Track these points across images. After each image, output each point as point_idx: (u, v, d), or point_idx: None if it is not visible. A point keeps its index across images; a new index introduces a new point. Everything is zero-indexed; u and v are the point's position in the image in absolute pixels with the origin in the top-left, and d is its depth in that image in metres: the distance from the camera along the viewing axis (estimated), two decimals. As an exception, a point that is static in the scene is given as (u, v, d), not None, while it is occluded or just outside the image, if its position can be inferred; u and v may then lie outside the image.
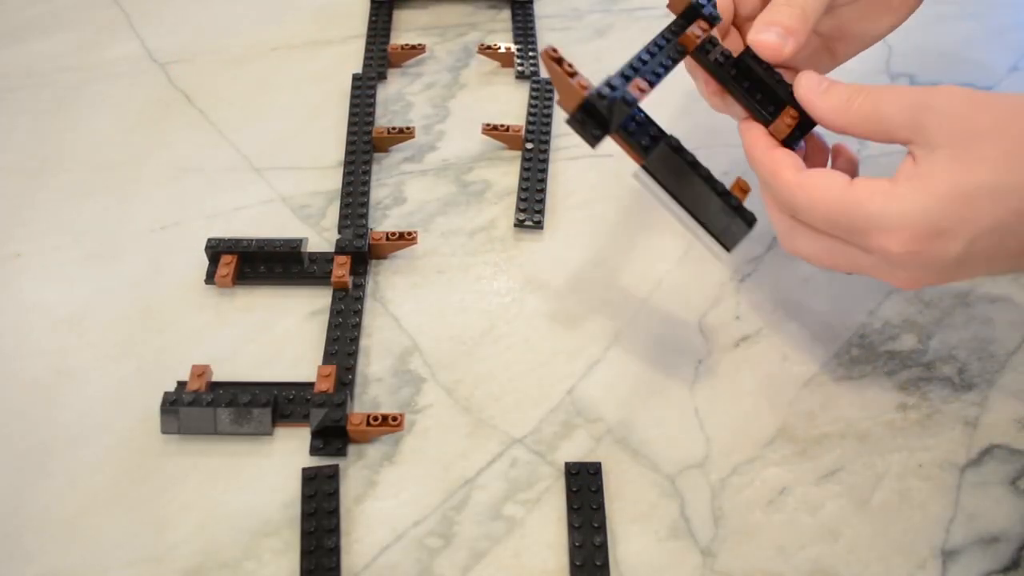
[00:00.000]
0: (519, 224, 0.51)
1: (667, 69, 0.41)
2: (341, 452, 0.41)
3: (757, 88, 0.40)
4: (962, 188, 0.33)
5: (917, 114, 0.35)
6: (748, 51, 0.40)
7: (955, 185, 0.33)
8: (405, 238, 0.49)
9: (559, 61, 0.37)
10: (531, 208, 0.51)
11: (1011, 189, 0.33)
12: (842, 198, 0.35)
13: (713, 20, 0.40)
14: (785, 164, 0.37)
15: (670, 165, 0.38)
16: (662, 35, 0.41)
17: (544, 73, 0.60)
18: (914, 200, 0.34)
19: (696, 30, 0.41)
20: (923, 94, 0.35)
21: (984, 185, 0.33)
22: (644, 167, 0.38)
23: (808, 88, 0.38)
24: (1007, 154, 0.33)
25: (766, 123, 0.40)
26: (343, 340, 0.45)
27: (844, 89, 0.37)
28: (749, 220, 0.38)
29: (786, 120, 0.39)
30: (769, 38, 0.39)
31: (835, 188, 0.35)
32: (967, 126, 0.34)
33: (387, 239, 0.49)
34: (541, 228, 0.51)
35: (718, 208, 0.38)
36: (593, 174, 0.54)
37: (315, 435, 0.41)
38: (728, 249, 0.38)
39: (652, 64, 0.40)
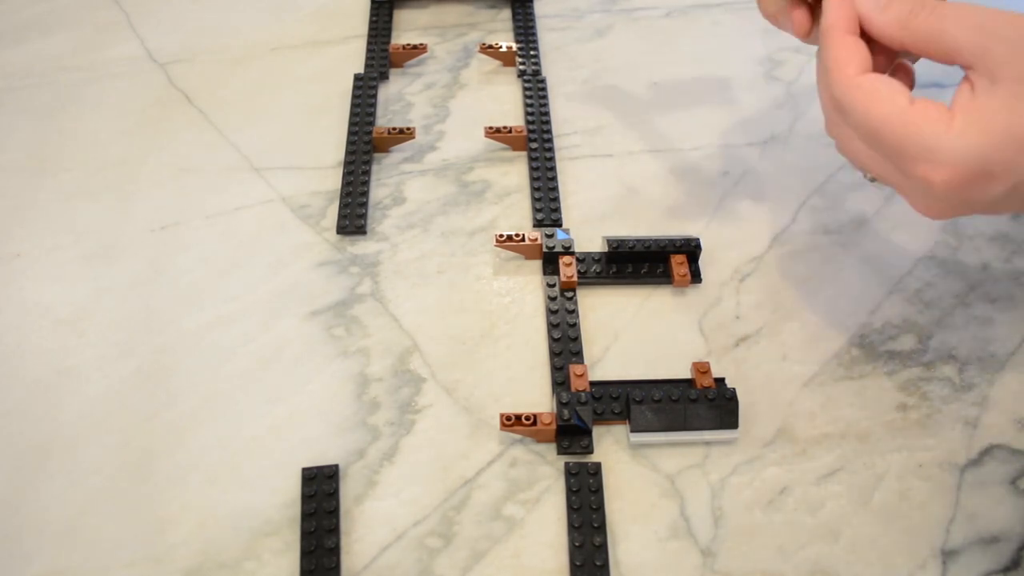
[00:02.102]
0: (539, 224, 0.51)
1: None
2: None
3: None
4: (1018, 129, 0.32)
5: (984, 39, 0.33)
6: None
7: (1011, 125, 0.32)
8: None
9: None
10: (547, 207, 0.51)
11: None
12: (899, 117, 0.34)
13: None
14: (852, 57, 0.36)
15: (650, 415, 0.42)
16: None
17: (544, 72, 0.60)
18: (968, 138, 0.33)
19: None
20: (993, 18, 0.34)
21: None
22: (634, 430, 0.42)
23: (868, 4, 0.36)
24: None
25: None
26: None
27: (906, 2, 0.36)
28: (731, 396, 0.42)
29: None
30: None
31: (894, 103, 0.34)
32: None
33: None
34: (560, 226, 0.51)
35: (705, 410, 0.42)
36: (593, 174, 0.54)
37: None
38: (737, 428, 0.42)
39: None
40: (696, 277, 0.48)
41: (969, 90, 0.34)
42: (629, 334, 0.46)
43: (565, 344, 0.45)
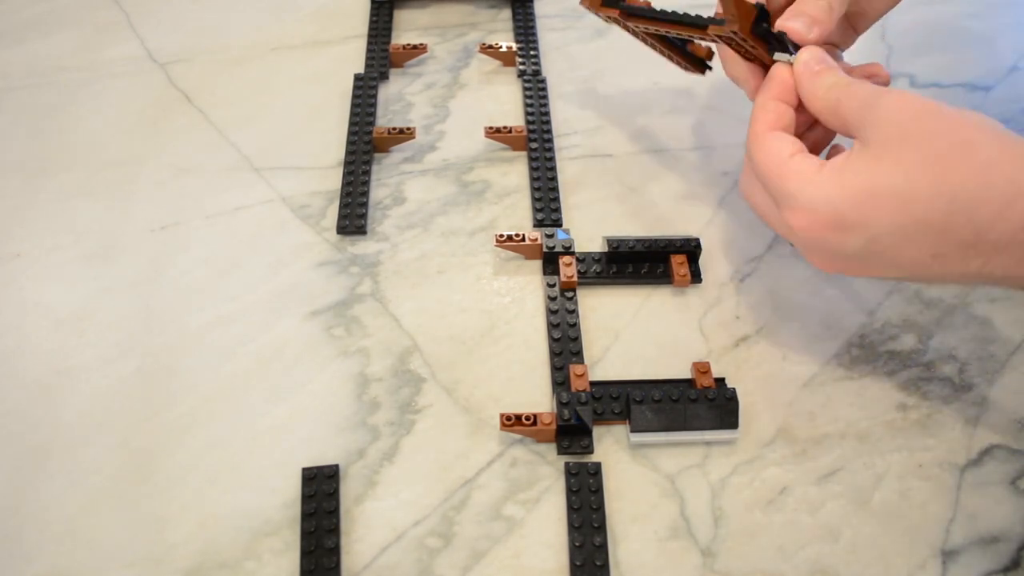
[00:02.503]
0: (539, 224, 0.51)
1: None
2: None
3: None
4: (872, 187, 0.34)
5: (865, 111, 0.36)
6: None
7: (866, 183, 0.35)
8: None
9: None
10: (547, 207, 0.51)
11: (917, 197, 0.34)
12: (777, 167, 0.37)
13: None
14: (765, 117, 0.39)
15: (650, 415, 0.42)
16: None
17: (544, 72, 0.60)
18: (826, 190, 0.35)
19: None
20: (876, 94, 0.37)
21: (892, 188, 0.34)
22: (634, 430, 0.42)
23: (804, 66, 0.40)
24: (925, 162, 0.34)
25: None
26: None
27: (829, 78, 0.39)
28: (731, 396, 0.42)
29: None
30: (796, 25, 0.41)
31: (778, 156, 0.38)
32: (900, 131, 0.35)
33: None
34: (560, 226, 0.51)
35: (705, 410, 0.42)
36: (593, 174, 0.54)
37: None
38: (737, 427, 0.42)
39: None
40: (696, 277, 0.48)
41: (847, 154, 0.36)
42: (629, 334, 0.46)
43: (565, 344, 0.45)
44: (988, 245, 0.33)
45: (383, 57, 0.61)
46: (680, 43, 0.49)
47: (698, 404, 0.42)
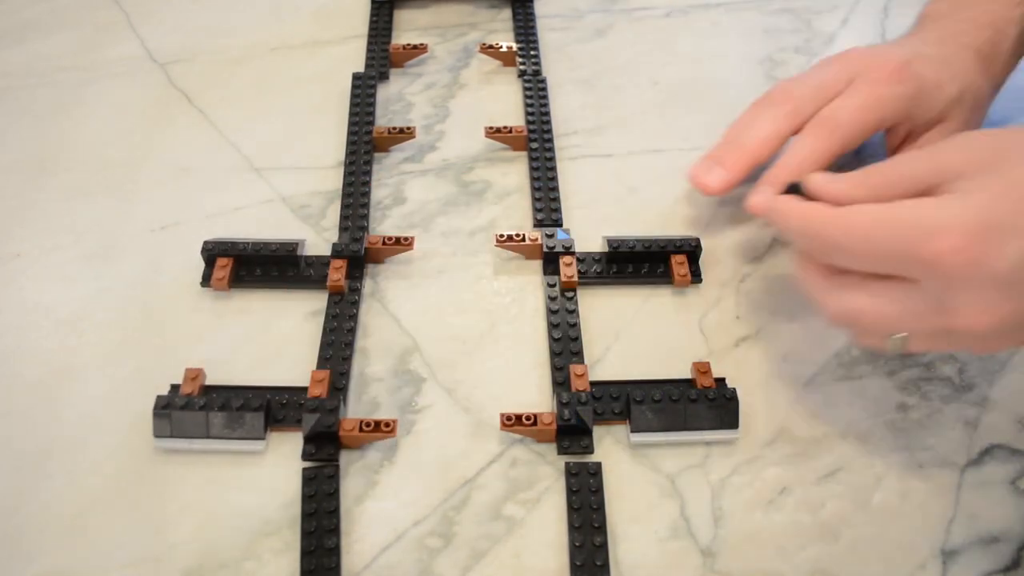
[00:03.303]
0: (539, 224, 0.51)
1: None
2: (333, 458, 0.41)
3: None
4: (1010, 188, 0.31)
5: (938, 157, 0.34)
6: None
7: (1003, 186, 0.31)
8: (401, 243, 0.48)
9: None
10: (547, 207, 0.51)
11: None
12: (885, 214, 0.33)
13: None
14: (817, 206, 0.36)
15: (650, 415, 0.42)
16: None
17: (544, 72, 0.60)
18: (964, 203, 0.32)
19: None
20: (938, 145, 0.35)
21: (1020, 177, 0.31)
22: (634, 430, 0.42)
23: (818, 182, 0.38)
24: None
25: None
26: (338, 344, 0.45)
27: (858, 172, 0.37)
28: (731, 396, 0.42)
29: None
30: (696, 171, 0.44)
31: (874, 209, 0.34)
32: (996, 154, 0.33)
33: (383, 244, 0.48)
34: (560, 226, 0.51)
35: (706, 410, 0.41)
36: (594, 174, 0.54)
37: (307, 440, 0.41)
38: (737, 427, 0.41)
39: None
40: (696, 277, 0.48)
41: (946, 192, 0.33)
42: (629, 334, 0.46)
43: (565, 344, 0.45)
44: None
45: (383, 57, 0.61)
46: None
47: (698, 404, 0.42)
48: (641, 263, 0.48)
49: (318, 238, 0.51)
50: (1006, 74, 0.49)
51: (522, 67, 0.60)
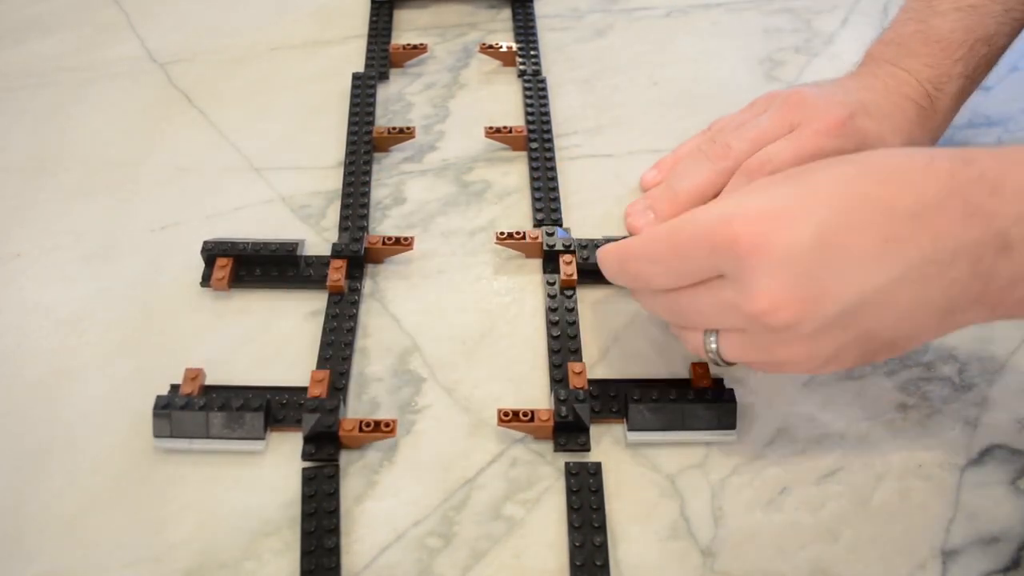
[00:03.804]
0: (538, 224, 0.51)
1: None
2: (333, 458, 0.41)
3: None
4: (803, 181, 0.34)
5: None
6: None
7: (795, 182, 0.34)
8: (401, 243, 0.49)
9: None
10: (547, 207, 0.51)
11: (851, 178, 0.33)
12: (682, 218, 0.36)
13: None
14: (624, 242, 0.39)
15: (647, 415, 0.42)
16: None
17: (544, 72, 0.60)
18: (758, 192, 0.35)
19: None
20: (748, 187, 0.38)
21: (823, 177, 0.34)
22: (631, 429, 0.42)
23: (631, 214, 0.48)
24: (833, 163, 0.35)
25: None
26: (337, 344, 0.45)
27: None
28: (729, 397, 0.42)
29: None
30: (631, 211, 0.48)
31: (671, 220, 0.36)
32: (788, 173, 0.36)
33: (383, 244, 0.48)
34: (560, 226, 0.51)
35: (703, 410, 0.42)
36: (594, 174, 0.54)
37: (307, 440, 0.41)
38: (734, 428, 0.42)
39: None
40: None
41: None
42: (628, 334, 0.46)
43: (564, 342, 0.45)
44: (928, 209, 0.32)
45: (383, 57, 0.61)
46: None
47: (696, 404, 0.42)
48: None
49: (318, 238, 0.51)
50: (944, 127, 0.49)
51: (522, 67, 0.60)
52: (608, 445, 0.42)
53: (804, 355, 0.35)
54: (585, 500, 0.39)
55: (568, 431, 0.42)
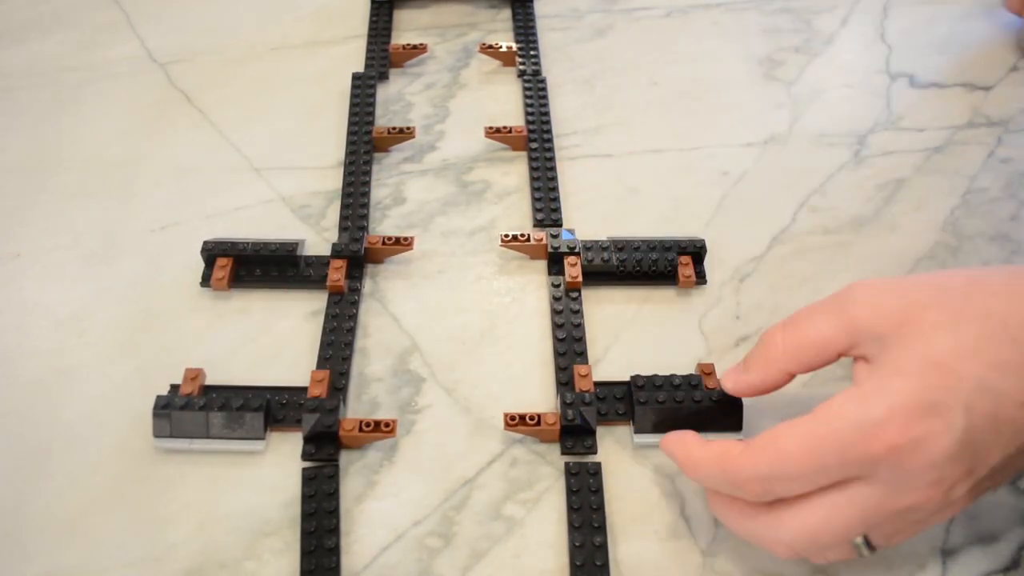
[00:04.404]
0: (539, 224, 0.51)
1: None
2: (333, 458, 0.41)
3: None
4: (931, 357, 0.31)
5: (844, 315, 0.34)
6: None
7: (923, 358, 0.31)
8: (401, 243, 0.49)
9: None
10: (547, 207, 0.51)
11: (978, 341, 0.31)
12: (812, 430, 0.32)
13: None
14: (729, 449, 0.34)
15: (653, 417, 0.41)
16: None
17: (544, 72, 0.60)
18: (892, 387, 0.31)
19: None
20: (838, 297, 0.35)
21: (950, 348, 0.31)
22: (638, 431, 0.42)
23: (730, 383, 0.39)
24: (958, 312, 0.32)
25: None
26: (337, 344, 0.45)
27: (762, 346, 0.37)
28: (736, 399, 0.41)
29: None
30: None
31: (797, 430, 0.33)
32: (903, 302, 0.33)
33: (383, 244, 0.48)
34: (560, 226, 0.51)
35: (709, 412, 0.41)
36: (593, 174, 0.54)
37: (307, 440, 0.41)
38: (741, 429, 0.41)
39: None
40: (701, 278, 0.48)
41: (863, 363, 0.33)
42: (630, 334, 0.46)
43: (569, 344, 0.45)
44: None
45: (383, 57, 0.61)
46: None
47: (702, 406, 0.42)
48: (646, 264, 0.48)
49: (318, 238, 0.51)
50: None
51: (522, 67, 0.60)
52: (609, 445, 0.42)
53: (952, 512, 0.34)
54: (585, 500, 0.39)
55: (575, 434, 0.42)
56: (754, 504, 0.35)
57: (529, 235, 0.49)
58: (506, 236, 0.49)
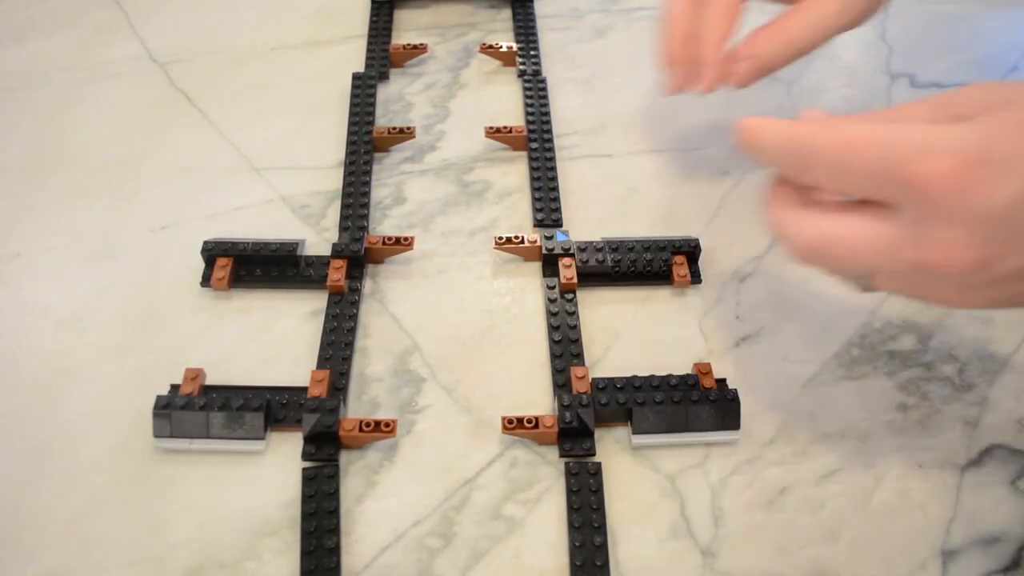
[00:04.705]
0: (539, 224, 0.51)
1: None
2: (333, 458, 0.41)
3: None
4: (1019, 119, 0.29)
5: (946, 102, 0.32)
6: None
7: (1011, 119, 0.29)
8: (401, 243, 0.49)
9: None
10: (547, 207, 0.51)
11: None
12: (878, 128, 0.30)
13: None
14: (806, 123, 0.33)
15: (652, 417, 0.42)
16: None
17: (544, 72, 0.60)
18: (970, 128, 0.29)
19: None
20: (945, 96, 0.32)
21: None
22: (636, 432, 0.42)
23: (815, 117, 0.35)
24: None
25: None
26: (337, 344, 0.45)
27: (854, 116, 0.34)
28: (733, 397, 0.42)
29: None
30: (743, 68, 0.37)
31: (867, 123, 0.31)
32: (1003, 100, 0.30)
33: (383, 244, 0.48)
34: (560, 226, 0.51)
35: (707, 412, 0.41)
36: (593, 174, 0.54)
37: (307, 440, 0.41)
38: (739, 428, 0.42)
39: None
40: (696, 278, 0.48)
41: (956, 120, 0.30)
42: (629, 335, 0.47)
43: (566, 346, 0.45)
44: None
45: (383, 57, 0.61)
46: None
47: (700, 405, 0.42)
48: (641, 264, 0.48)
49: (318, 238, 0.51)
50: None
51: (522, 67, 0.60)
52: (609, 445, 0.42)
53: (960, 299, 0.32)
54: (585, 500, 0.39)
55: (573, 436, 0.42)
56: (797, 195, 0.34)
57: (523, 237, 0.49)
58: (500, 239, 0.49)
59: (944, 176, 0.28)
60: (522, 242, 0.49)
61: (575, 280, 0.47)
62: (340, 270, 0.47)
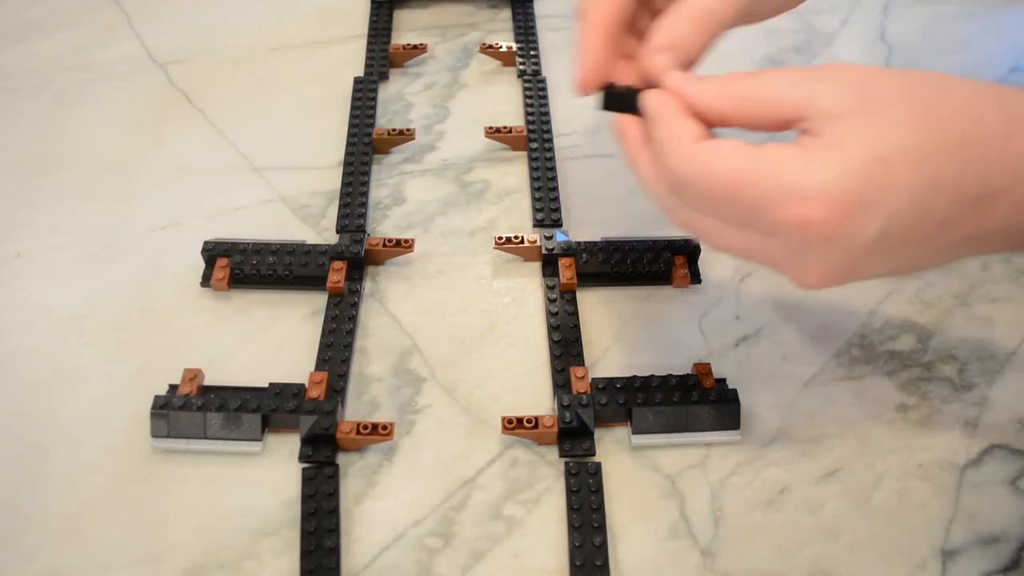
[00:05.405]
0: (539, 224, 0.51)
1: None
2: (330, 460, 0.41)
3: None
4: (879, 152, 0.30)
5: (808, 85, 0.32)
6: None
7: (872, 149, 0.30)
8: (402, 245, 0.49)
9: None
10: (547, 207, 0.51)
11: (928, 152, 0.30)
12: (751, 165, 0.31)
13: None
14: (685, 131, 0.33)
15: (651, 417, 0.42)
16: None
17: (544, 72, 0.60)
18: (833, 166, 0.30)
19: None
20: (812, 70, 0.33)
21: (901, 148, 0.30)
22: (635, 432, 0.42)
23: (680, 80, 0.36)
24: (920, 116, 0.31)
25: None
26: (336, 346, 0.45)
27: (722, 76, 0.35)
28: (732, 397, 0.42)
29: None
30: (660, 61, 0.38)
31: (740, 154, 0.31)
32: (869, 92, 0.32)
33: (384, 246, 0.48)
34: (560, 226, 0.51)
35: (707, 411, 0.42)
36: (594, 174, 0.54)
37: (304, 442, 0.41)
38: (739, 428, 0.42)
39: None
40: (696, 278, 0.48)
41: (810, 137, 0.31)
42: (629, 335, 0.47)
43: (566, 346, 0.45)
44: (991, 196, 0.31)
45: (383, 57, 0.61)
46: None
47: (700, 405, 0.42)
48: (641, 264, 0.48)
49: (318, 238, 0.51)
50: None
51: (522, 67, 0.60)
52: (608, 445, 0.42)
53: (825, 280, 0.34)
54: (585, 500, 0.39)
55: (573, 436, 0.42)
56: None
57: (523, 237, 0.49)
58: (500, 239, 0.49)
59: (814, 224, 0.30)
60: (522, 242, 0.49)
61: (575, 280, 0.47)
62: (340, 272, 0.47)
